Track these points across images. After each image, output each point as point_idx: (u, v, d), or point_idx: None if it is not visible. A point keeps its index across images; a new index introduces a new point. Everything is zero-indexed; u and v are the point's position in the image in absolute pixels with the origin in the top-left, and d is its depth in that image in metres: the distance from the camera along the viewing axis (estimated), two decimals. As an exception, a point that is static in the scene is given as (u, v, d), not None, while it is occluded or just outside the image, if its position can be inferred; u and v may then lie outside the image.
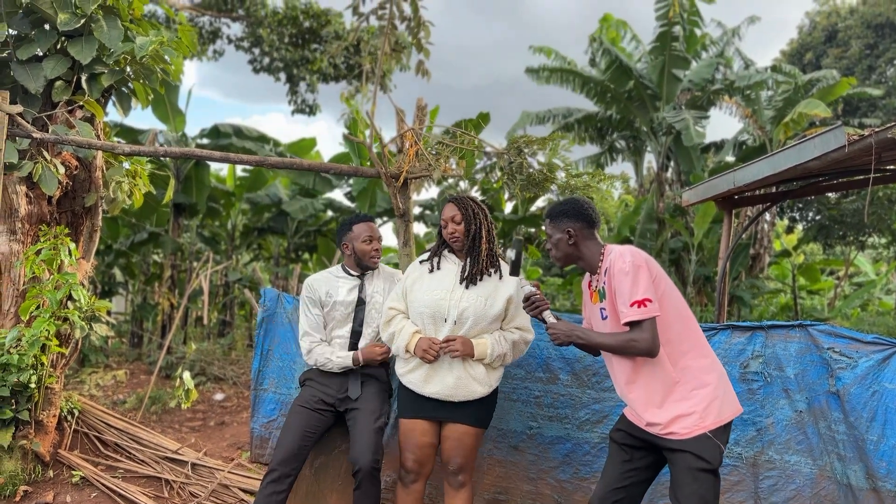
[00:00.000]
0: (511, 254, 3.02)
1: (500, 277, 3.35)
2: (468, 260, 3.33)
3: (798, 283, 16.71)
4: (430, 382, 3.21)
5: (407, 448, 3.27)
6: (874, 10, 17.64)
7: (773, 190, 6.32)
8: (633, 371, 2.78)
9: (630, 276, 2.64)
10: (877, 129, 3.46)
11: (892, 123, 3.34)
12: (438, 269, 3.37)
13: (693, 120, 13.26)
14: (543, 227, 3.08)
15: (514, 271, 3.03)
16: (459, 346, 3.16)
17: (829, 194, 12.79)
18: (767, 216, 14.71)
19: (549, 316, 2.91)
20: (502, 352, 3.25)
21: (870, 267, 22.47)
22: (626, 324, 2.66)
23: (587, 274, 2.99)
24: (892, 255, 16.58)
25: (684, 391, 2.69)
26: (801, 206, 14.84)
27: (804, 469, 3.27)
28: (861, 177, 5.30)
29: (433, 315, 3.24)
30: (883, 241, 15.07)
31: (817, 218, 14.44)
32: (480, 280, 3.30)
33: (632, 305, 2.62)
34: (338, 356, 3.59)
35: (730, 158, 15.47)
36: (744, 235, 13.41)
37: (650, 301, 2.61)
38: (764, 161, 4.72)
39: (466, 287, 3.27)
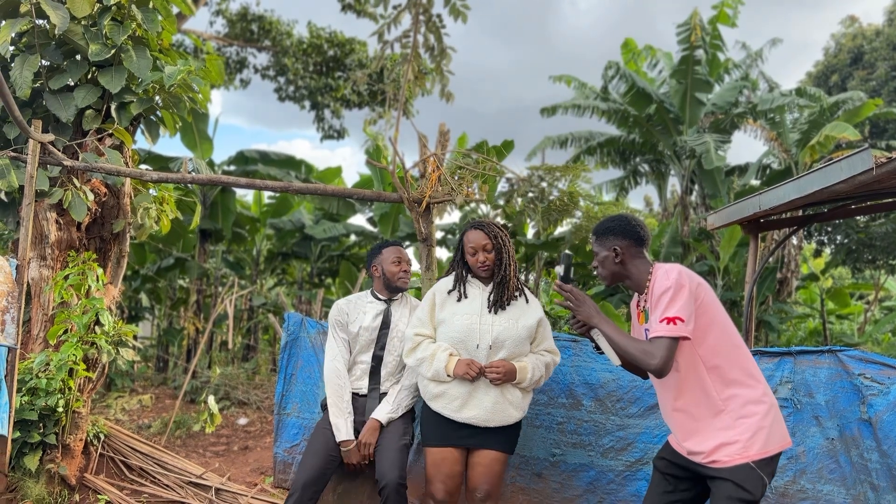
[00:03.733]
0: (559, 269, 2.90)
1: (527, 301, 3.34)
2: (498, 287, 3.30)
3: (827, 307, 16.43)
4: (467, 407, 3.16)
5: (437, 478, 3.19)
6: (900, 31, 17.52)
7: (800, 213, 6.25)
8: (678, 396, 2.69)
9: (670, 293, 2.53)
10: (905, 152, 3.42)
11: (921, 145, 3.29)
12: (466, 297, 3.33)
13: (714, 143, 13.19)
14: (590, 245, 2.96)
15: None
16: (502, 374, 3.12)
17: (858, 217, 12.63)
18: (794, 240, 14.52)
19: (597, 334, 2.78)
20: (540, 375, 3.24)
21: (901, 291, 22.04)
22: (651, 339, 2.55)
23: (636, 294, 2.89)
24: (924, 278, 16.30)
25: (729, 420, 2.58)
26: (828, 229, 14.65)
27: (837, 499, 3.19)
28: (890, 199, 5.23)
29: (465, 341, 3.21)
30: (914, 264, 14.79)
31: (845, 241, 14.23)
32: (509, 305, 3.28)
33: (661, 321, 2.52)
34: (341, 421, 3.52)
35: (754, 182, 15.34)
36: (770, 259, 13.24)
37: (681, 321, 2.49)
38: (790, 184, 4.67)
39: (496, 312, 3.25)
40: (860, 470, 3.14)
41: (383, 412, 3.55)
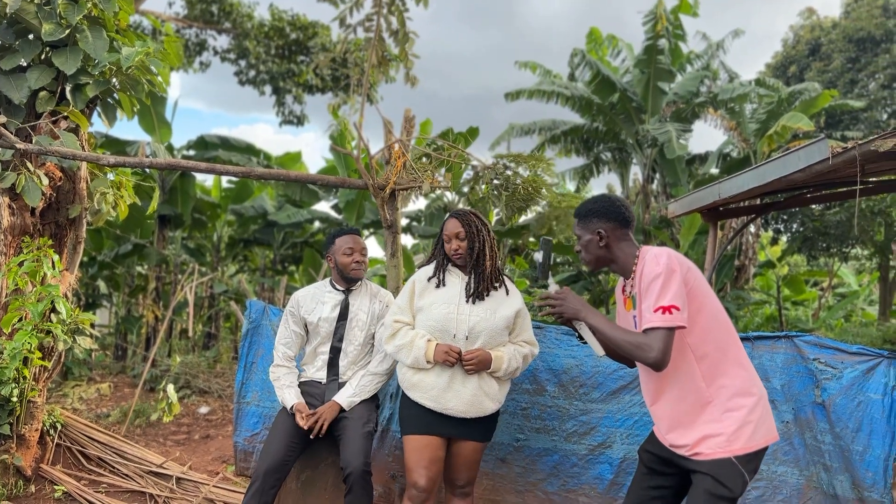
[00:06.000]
0: (538, 256, 2.76)
1: (507, 293, 3.33)
2: (472, 276, 3.30)
3: (783, 294, 16.82)
4: (445, 398, 3.16)
5: (420, 465, 3.15)
6: (856, 24, 17.90)
7: (758, 202, 6.38)
8: (665, 387, 2.56)
9: (661, 280, 2.38)
10: (860, 142, 3.51)
11: (876, 136, 3.37)
12: (444, 284, 3.33)
13: (676, 133, 13.37)
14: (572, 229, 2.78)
15: (543, 274, 2.76)
16: (475, 363, 3.13)
17: (813, 206, 12.92)
18: (752, 228, 14.82)
19: (580, 325, 2.63)
20: (516, 366, 3.23)
21: (853, 278, 22.67)
22: (645, 330, 2.39)
23: (621, 279, 2.74)
24: (875, 266, 16.75)
25: (716, 413, 2.45)
26: (785, 217, 14.96)
27: (791, 480, 3.27)
28: (844, 188, 5.36)
29: (442, 330, 3.21)
30: (866, 252, 15.22)
31: (801, 230, 14.56)
32: (487, 296, 3.27)
33: (655, 311, 2.36)
34: (286, 392, 3.59)
35: (714, 171, 15.59)
36: (729, 247, 13.49)
37: (677, 309, 2.34)
38: (749, 173, 4.76)
39: (473, 302, 3.25)
40: (814, 452, 3.23)
41: (344, 396, 3.55)
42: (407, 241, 17.97)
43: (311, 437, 3.47)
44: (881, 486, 2.99)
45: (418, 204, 18.09)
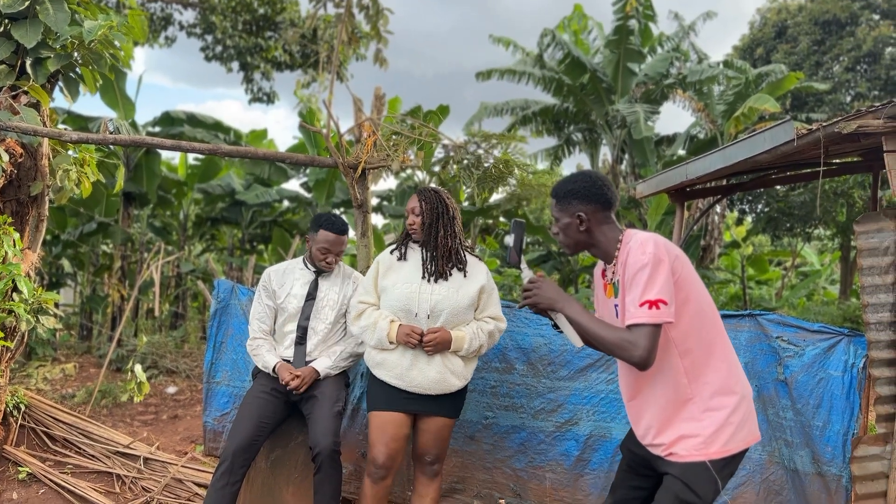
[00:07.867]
0: (509, 239, 2.59)
1: (465, 276, 3.30)
2: (427, 254, 3.30)
3: (747, 273, 17.12)
4: (411, 376, 3.17)
5: (381, 441, 3.19)
6: (822, 6, 18.08)
7: (724, 182, 6.45)
8: (642, 383, 2.41)
9: (647, 271, 2.20)
10: (825, 124, 3.55)
11: (839, 118, 3.42)
12: (405, 259, 3.35)
13: (644, 114, 13.46)
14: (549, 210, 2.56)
15: (515, 258, 2.58)
16: (432, 347, 3.15)
17: (778, 187, 13.13)
18: (718, 208, 15.01)
19: (556, 314, 2.43)
20: (480, 344, 3.25)
21: (815, 258, 23.13)
22: (629, 326, 2.23)
23: (600, 262, 2.57)
24: (837, 246, 17.11)
25: (696, 411, 2.31)
26: (750, 198, 15.16)
27: (753, 455, 3.35)
28: (808, 170, 5.45)
29: (405, 309, 3.22)
30: (828, 232, 15.51)
31: (766, 210, 14.78)
32: (444, 279, 3.26)
33: (641, 305, 2.19)
34: (267, 356, 3.59)
35: (681, 152, 15.73)
36: (695, 227, 13.67)
37: (664, 303, 2.18)
38: (716, 154, 4.80)
39: (436, 281, 3.25)
40: (776, 427, 3.31)
41: (322, 365, 3.55)
42: (377, 220, 17.89)
43: (296, 394, 3.48)
44: (840, 461, 3.08)
45: (389, 183, 18.01)
